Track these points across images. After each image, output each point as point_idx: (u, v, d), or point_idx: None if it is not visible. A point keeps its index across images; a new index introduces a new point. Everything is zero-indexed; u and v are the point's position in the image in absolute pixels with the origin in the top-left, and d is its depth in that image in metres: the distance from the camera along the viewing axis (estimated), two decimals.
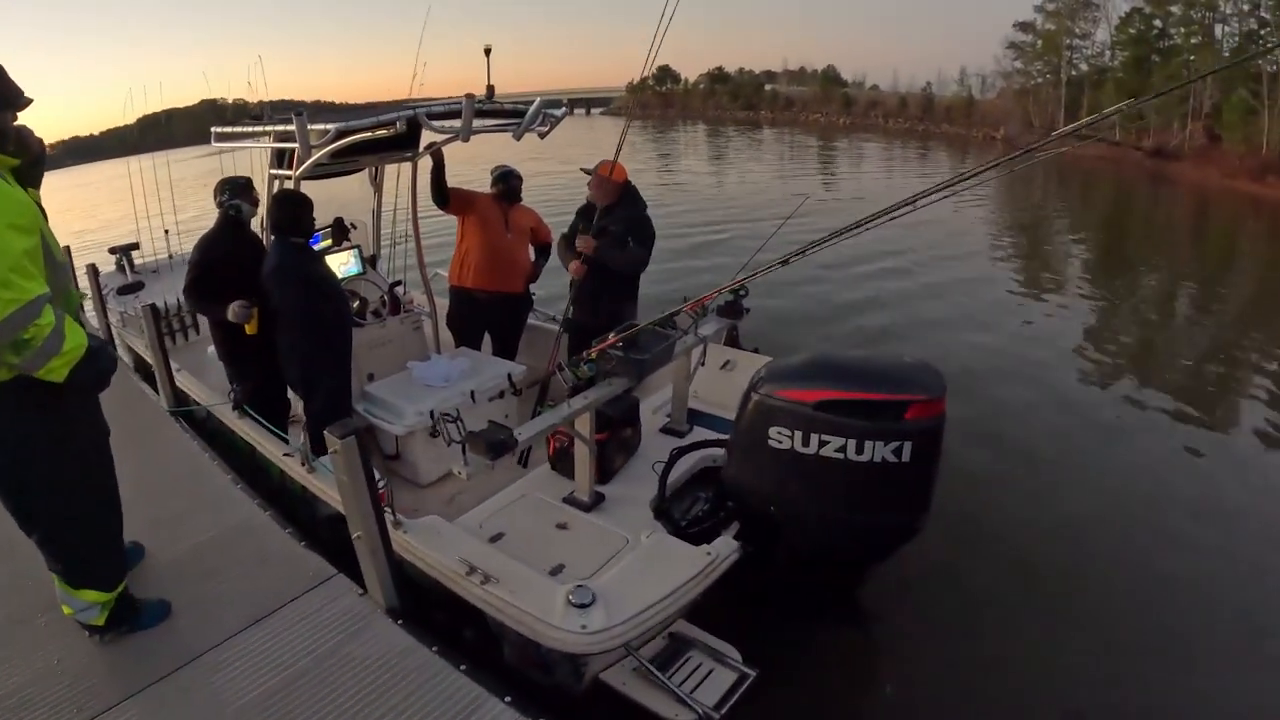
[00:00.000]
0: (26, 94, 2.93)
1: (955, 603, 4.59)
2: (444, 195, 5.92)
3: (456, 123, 4.68)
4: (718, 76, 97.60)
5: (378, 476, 3.43)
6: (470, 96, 4.55)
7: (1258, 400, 8.27)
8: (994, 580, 4.81)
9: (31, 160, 3.07)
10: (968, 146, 44.07)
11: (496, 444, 3.21)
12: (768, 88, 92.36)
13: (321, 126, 4.56)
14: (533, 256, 6.33)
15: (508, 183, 6.06)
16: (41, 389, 2.84)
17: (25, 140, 3.02)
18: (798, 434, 3.27)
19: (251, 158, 6.23)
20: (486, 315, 6.21)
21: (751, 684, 3.33)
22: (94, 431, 3.30)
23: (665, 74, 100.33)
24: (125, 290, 8.24)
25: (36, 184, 3.12)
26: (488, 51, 4.86)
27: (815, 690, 3.95)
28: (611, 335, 3.88)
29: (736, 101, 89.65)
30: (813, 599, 4.15)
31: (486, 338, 6.36)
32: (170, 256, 8.39)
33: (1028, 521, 5.51)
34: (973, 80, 64.94)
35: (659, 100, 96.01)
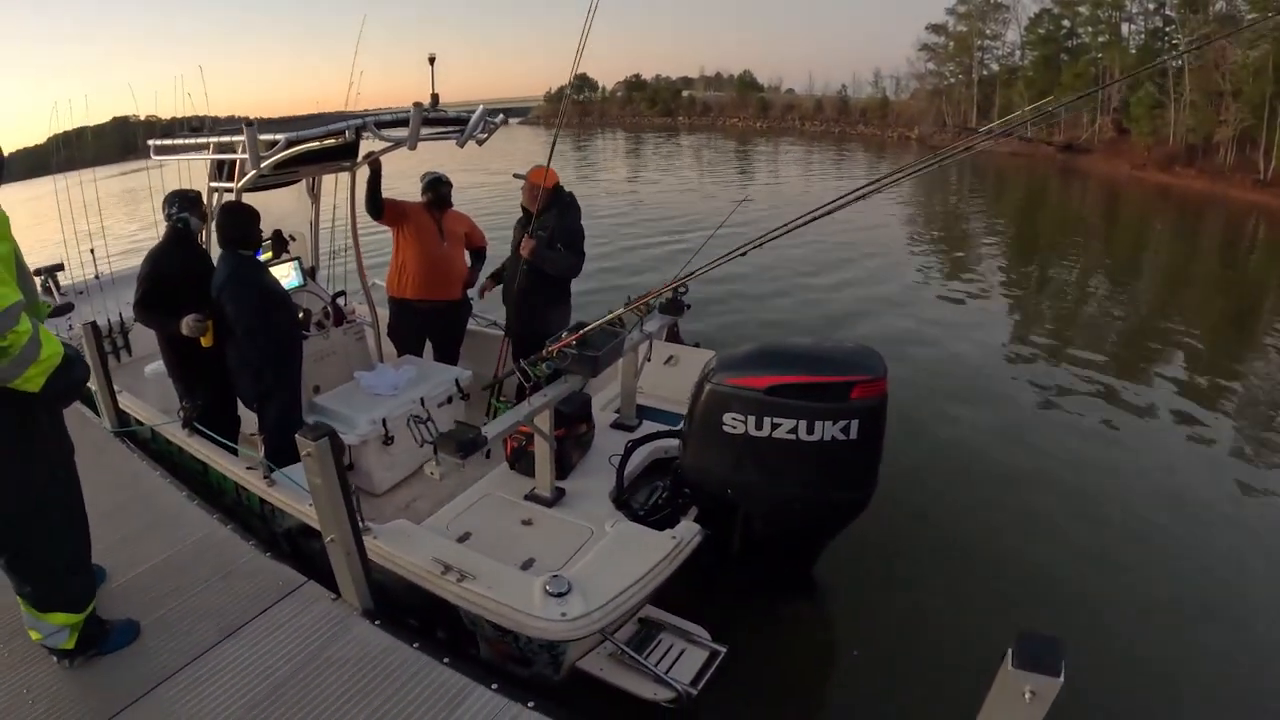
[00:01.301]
0: None
1: (902, 570, 4.84)
2: (379, 206, 5.90)
3: (403, 132, 4.71)
4: (634, 84, 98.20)
5: None
6: (418, 105, 4.58)
7: (1167, 374, 8.89)
8: (933, 548, 5.09)
9: None
10: (884, 147, 44.97)
11: (466, 443, 3.26)
12: (685, 94, 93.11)
13: (271, 136, 4.56)
14: (469, 262, 6.37)
15: (437, 190, 6.06)
16: (12, 402, 2.81)
17: None
18: (750, 418, 3.42)
19: (165, 175, 6.22)
20: (427, 324, 6.25)
21: (723, 660, 3.48)
22: (61, 448, 3.26)
23: (583, 82, 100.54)
24: (56, 313, 8.03)
25: None
26: (432, 60, 4.89)
27: (784, 660, 4.11)
28: (565, 334, 3.96)
29: (654, 108, 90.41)
30: (771, 577, 4.29)
31: (428, 345, 6.39)
32: (97, 276, 8.14)
33: (956, 495, 5.83)
34: (887, 82, 66.60)
35: (577, 108, 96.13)
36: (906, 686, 3.91)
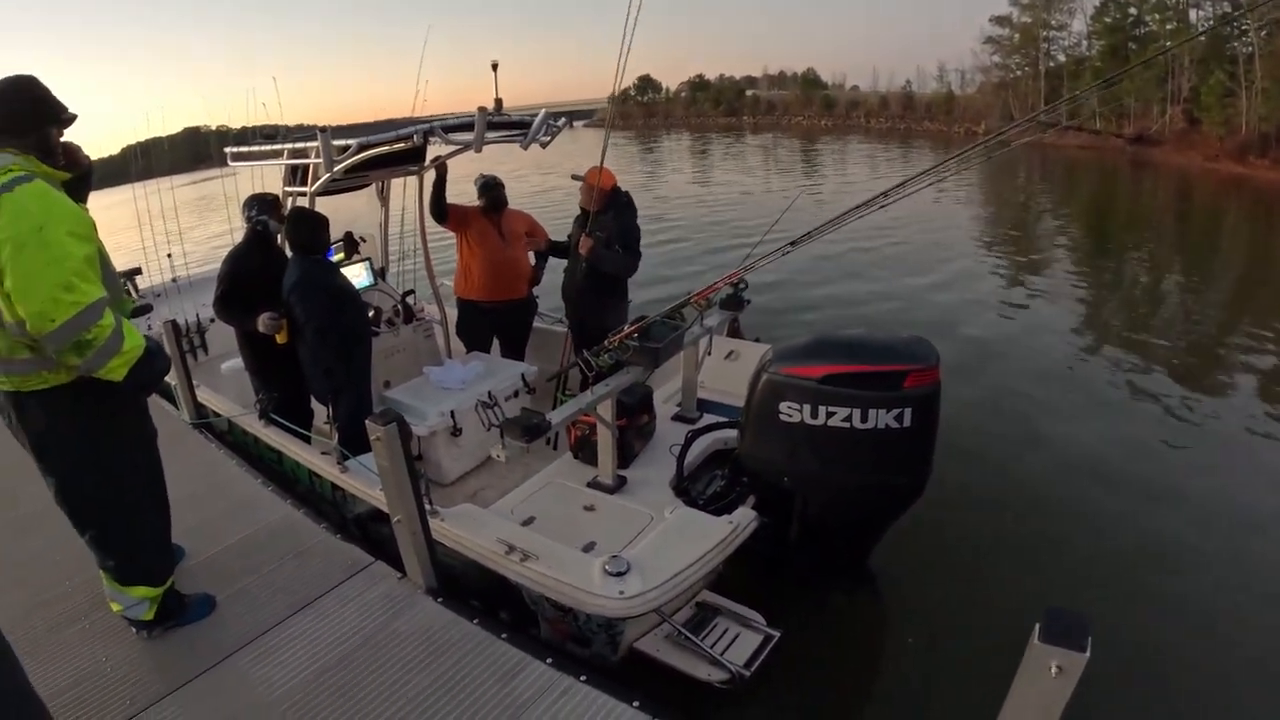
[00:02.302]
0: (70, 110, 3.10)
1: (957, 558, 4.85)
2: (443, 210, 6.09)
3: (468, 135, 4.89)
4: (698, 84, 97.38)
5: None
6: (482, 110, 4.75)
7: (1239, 378, 8.52)
8: (991, 536, 5.10)
9: (80, 175, 3.27)
10: (951, 143, 43.99)
11: (531, 427, 3.41)
12: (749, 93, 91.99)
13: (343, 142, 4.77)
14: (533, 260, 6.46)
15: (490, 193, 6.13)
16: (98, 390, 3.01)
17: (74, 156, 3.22)
18: (805, 407, 3.47)
19: (239, 183, 6.42)
20: (494, 322, 6.37)
21: (777, 643, 3.55)
22: (145, 432, 3.47)
23: (646, 84, 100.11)
24: (135, 314, 8.30)
25: (83, 199, 3.28)
26: (495, 66, 5.03)
27: (837, 646, 4.16)
28: (627, 327, 4.08)
29: (718, 108, 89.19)
30: (827, 565, 4.32)
31: (496, 342, 6.53)
32: (174, 280, 8.42)
33: (1014, 485, 5.80)
34: (952, 76, 64.98)
35: (641, 110, 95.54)
36: (956, 674, 3.93)
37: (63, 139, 3.13)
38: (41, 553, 4.55)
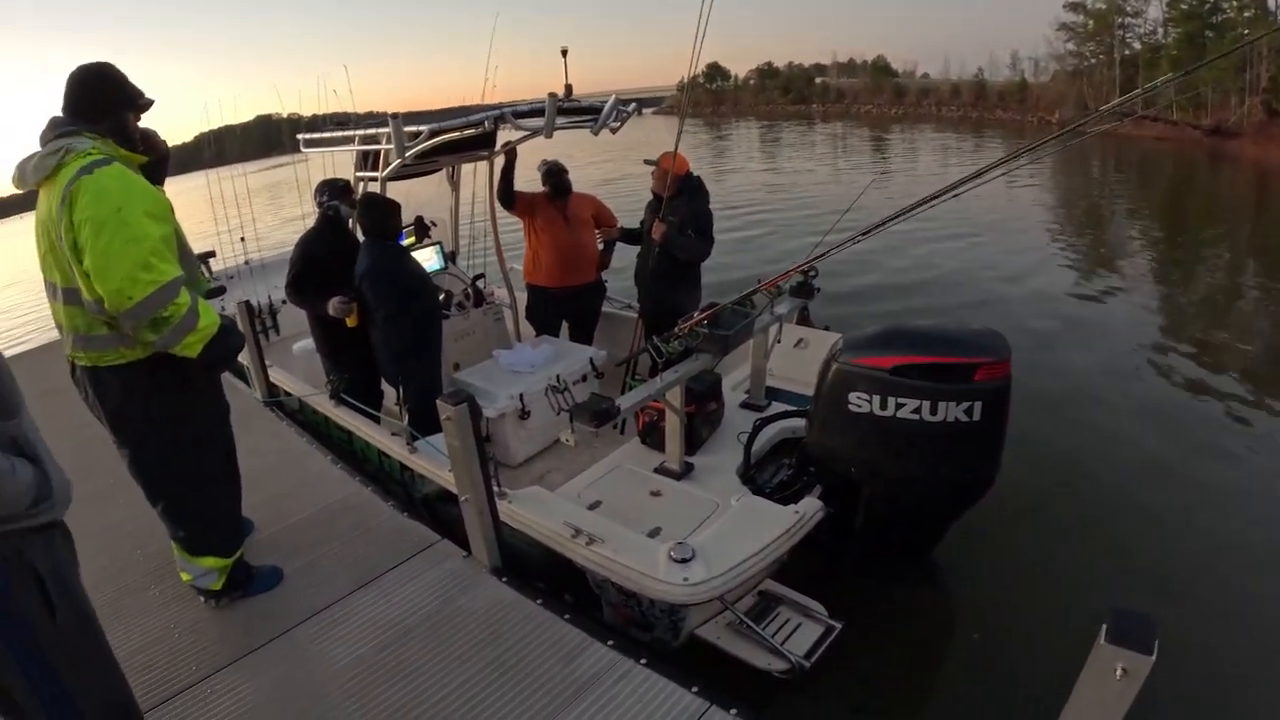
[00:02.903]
0: (147, 96, 3.18)
1: (1025, 555, 4.76)
2: (510, 196, 6.16)
3: (539, 121, 4.93)
4: (767, 72, 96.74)
5: None
6: (553, 95, 4.79)
7: None
8: (1058, 534, 4.99)
9: (157, 160, 3.36)
10: (1024, 132, 42.87)
11: (600, 412, 3.40)
12: (818, 81, 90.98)
13: (415, 128, 4.83)
14: (601, 244, 6.46)
15: (555, 179, 6.14)
16: (173, 365, 3.11)
17: (152, 141, 3.31)
18: (875, 398, 3.42)
19: (310, 169, 6.54)
20: (563, 307, 6.40)
21: (838, 635, 3.53)
22: (217, 407, 3.57)
23: (715, 71, 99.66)
24: (209, 295, 8.49)
25: (160, 183, 3.37)
26: (564, 53, 5.06)
27: (899, 640, 4.12)
28: (696, 314, 4.08)
29: (787, 96, 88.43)
30: (891, 558, 4.29)
31: (564, 326, 6.56)
32: (247, 263, 8.64)
33: (1083, 483, 5.64)
34: (1025, 64, 63.73)
35: (710, 98, 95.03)
36: (1018, 673, 3.88)
37: (140, 125, 3.21)
38: (115, 523, 4.71)
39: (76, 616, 2.17)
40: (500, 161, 6.26)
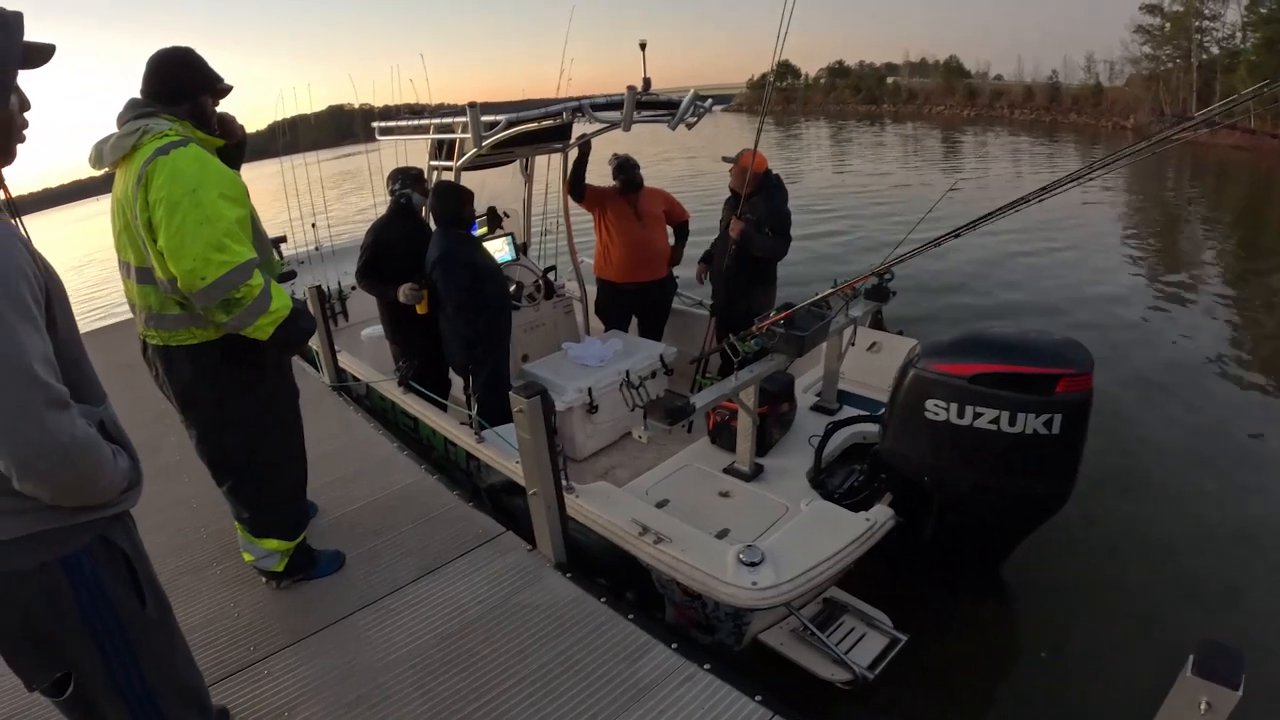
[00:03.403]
0: (226, 81, 3.19)
1: (1094, 574, 4.62)
2: (581, 189, 6.15)
3: (617, 114, 4.89)
4: (838, 71, 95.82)
5: None
6: (632, 89, 4.74)
7: None
8: (1130, 554, 4.83)
9: (234, 144, 3.37)
10: (1097, 137, 41.93)
11: (674, 410, 3.37)
12: (889, 80, 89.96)
13: (492, 118, 4.82)
14: (672, 239, 6.42)
15: (627, 174, 6.10)
16: (244, 347, 3.13)
17: (229, 125, 3.31)
18: (953, 406, 3.34)
19: (382, 158, 6.57)
20: (633, 302, 6.37)
21: (904, 647, 3.46)
22: (287, 390, 3.57)
23: (785, 69, 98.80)
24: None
25: (237, 167, 3.36)
26: (643, 46, 5.02)
27: (964, 655, 4.03)
28: (772, 313, 4.02)
29: (858, 95, 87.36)
30: (959, 570, 4.19)
31: (634, 321, 6.54)
32: (318, 248, 8.74)
33: (1158, 502, 5.46)
34: (1100, 67, 62.28)
35: (780, 96, 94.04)
36: (1089, 696, 3.77)
37: (218, 110, 3.23)
38: (181, 499, 4.79)
39: (159, 599, 2.17)
40: (573, 154, 6.24)
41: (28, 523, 1.78)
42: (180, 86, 3.06)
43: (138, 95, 3.06)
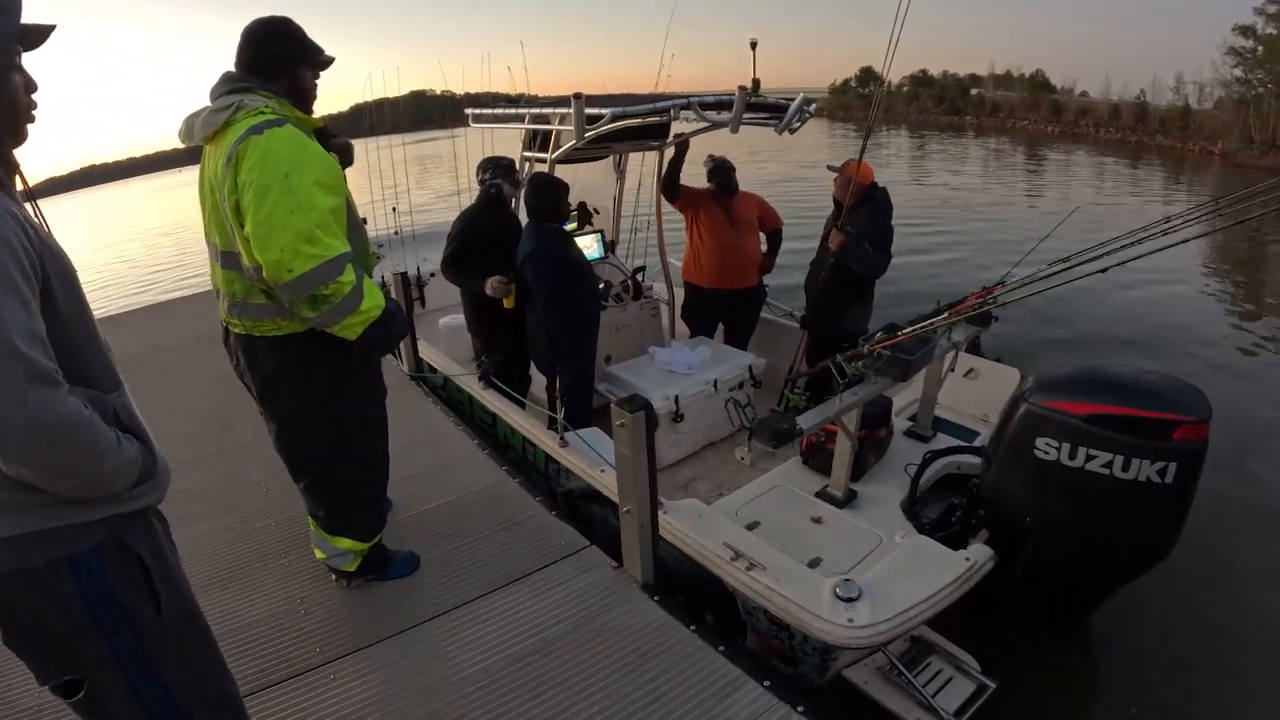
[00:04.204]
0: (327, 53, 3.03)
1: (1187, 632, 4.38)
2: (676, 189, 6.01)
3: (725, 115, 4.72)
4: (921, 80, 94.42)
5: None
6: (743, 89, 4.57)
7: None
8: (1229, 613, 4.54)
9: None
10: (1183, 162, 40.65)
11: (782, 433, 3.20)
12: (973, 92, 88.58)
13: (596, 111, 4.68)
14: (764, 246, 6.25)
15: (722, 177, 5.95)
16: (331, 342, 2.95)
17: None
18: (1065, 445, 3.16)
19: (468, 144, 6.51)
20: (721, 308, 6.23)
21: (991, 695, 3.29)
22: (374, 390, 3.42)
23: (868, 75, 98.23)
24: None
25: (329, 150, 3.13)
26: (754, 45, 4.84)
27: (1049, 706, 3.85)
28: (880, 334, 3.83)
29: (941, 106, 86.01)
30: (1047, 615, 3.98)
31: (720, 327, 6.38)
32: (398, 232, 8.67)
33: (1263, 561, 5.12)
34: (1189, 88, 60.55)
35: (861, 103, 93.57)
36: None
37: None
38: (251, 482, 4.74)
39: (181, 607, 2.02)
40: (669, 152, 6.11)
41: (36, 519, 1.69)
42: (278, 60, 2.91)
43: (232, 69, 2.93)
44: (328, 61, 3.03)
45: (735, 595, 3.36)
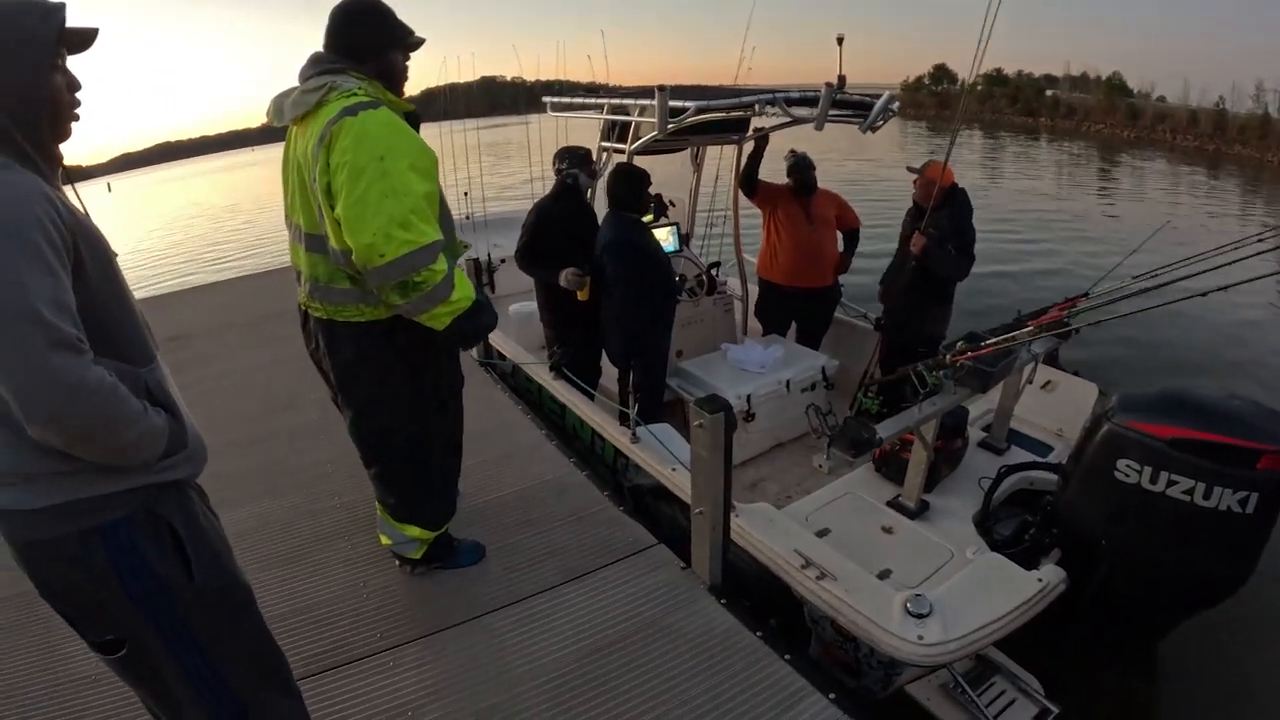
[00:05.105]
0: (417, 34, 2.98)
1: (1266, 675, 4.21)
2: (754, 184, 5.97)
3: (810, 110, 4.63)
4: (996, 79, 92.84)
5: None
6: (830, 85, 4.47)
7: None
8: None
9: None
10: (1261, 174, 39.11)
11: (861, 442, 3.13)
12: (1048, 93, 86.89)
13: (680, 103, 4.63)
14: (841, 245, 6.16)
15: (802, 174, 5.86)
16: (415, 330, 2.91)
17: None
18: (1147, 469, 3.06)
19: (541, 131, 6.58)
20: (795, 307, 6.16)
21: None
22: (454, 380, 3.37)
23: (942, 73, 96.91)
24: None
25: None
26: (840, 40, 4.74)
27: None
28: (960, 343, 3.74)
29: (1015, 106, 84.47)
30: (1112, 640, 3.84)
31: (793, 326, 6.32)
32: (468, 217, 8.66)
33: None
34: (1270, 96, 58.63)
35: (933, 101, 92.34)
36: None
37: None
38: (316, 462, 4.77)
39: (219, 577, 2.03)
40: (748, 147, 6.05)
41: (66, 489, 1.75)
42: (369, 41, 2.87)
43: (320, 50, 2.90)
44: (418, 43, 3.00)
45: (803, 602, 3.30)
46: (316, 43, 2.94)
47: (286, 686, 2.40)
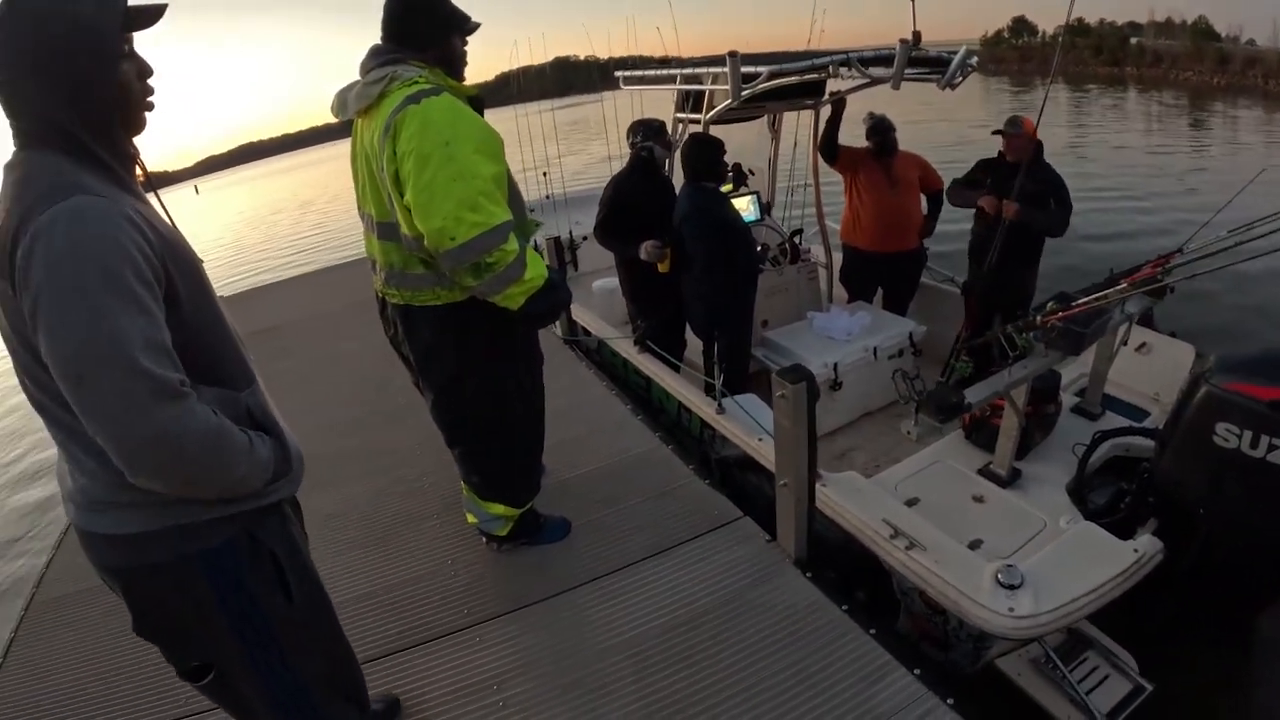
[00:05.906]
0: (473, 19, 2.97)
1: None
2: (834, 149, 5.86)
3: (886, 70, 4.50)
4: (1077, 29, 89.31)
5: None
6: (904, 42, 4.32)
7: None
8: None
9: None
10: None
11: (949, 407, 3.06)
12: (1133, 41, 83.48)
13: (752, 69, 4.55)
14: (924, 208, 6.04)
15: (882, 136, 5.75)
16: (491, 311, 2.92)
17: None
18: (1248, 434, 2.86)
19: (617, 108, 6.52)
20: (879, 272, 6.06)
21: (1146, 699, 3.12)
22: (532, 359, 3.38)
23: (1021, 26, 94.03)
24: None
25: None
26: None
27: (1208, 713, 3.55)
28: (1051, 304, 3.61)
29: (1099, 57, 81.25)
30: (1208, 611, 3.64)
31: (879, 292, 6.22)
32: (549, 197, 8.71)
33: None
34: None
35: (1015, 54, 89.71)
36: None
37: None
38: (405, 445, 4.84)
39: (310, 595, 2.07)
40: (825, 112, 5.94)
41: (169, 515, 1.71)
42: (427, 29, 2.88)
43: (379, 42, 2.92)
44: (474, 27, 2.99)
45: (891, 573, 3.25)
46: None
47: (362, 702, 2.46)
